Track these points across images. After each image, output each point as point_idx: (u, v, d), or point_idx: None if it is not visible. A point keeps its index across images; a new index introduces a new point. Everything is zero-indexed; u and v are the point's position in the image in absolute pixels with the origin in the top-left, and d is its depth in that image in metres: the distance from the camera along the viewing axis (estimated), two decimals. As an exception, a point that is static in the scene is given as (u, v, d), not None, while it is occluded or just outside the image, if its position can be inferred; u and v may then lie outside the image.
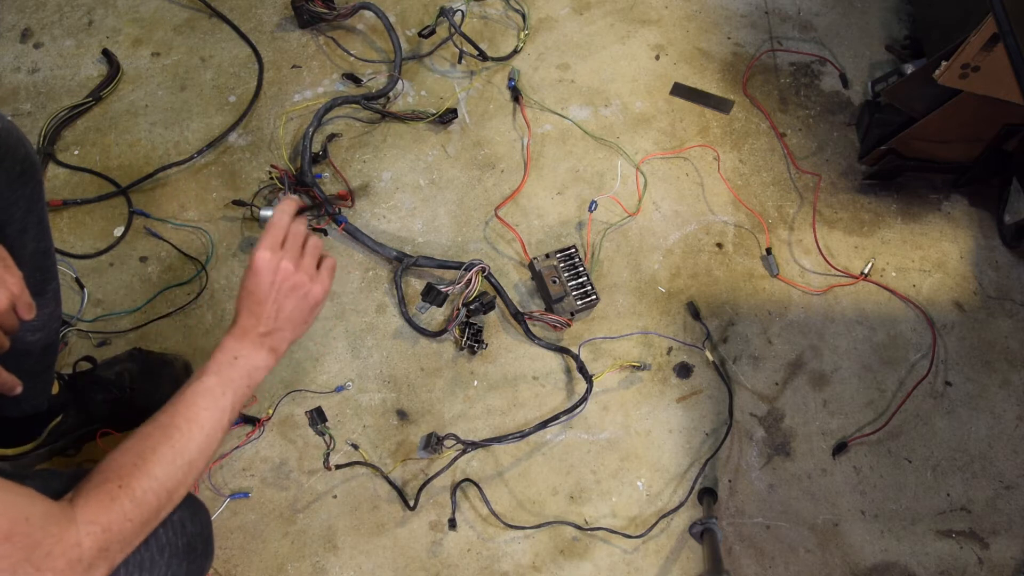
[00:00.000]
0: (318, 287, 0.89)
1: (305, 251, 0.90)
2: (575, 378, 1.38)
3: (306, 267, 0.89)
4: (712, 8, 1.75)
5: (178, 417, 0.80)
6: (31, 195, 0.90)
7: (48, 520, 0.67)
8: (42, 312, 1.00)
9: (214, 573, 1.21)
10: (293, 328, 0.88)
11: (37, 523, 0.65)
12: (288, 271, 0.87)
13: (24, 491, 0.67)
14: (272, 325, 0.86)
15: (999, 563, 1.31)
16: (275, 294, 0.86)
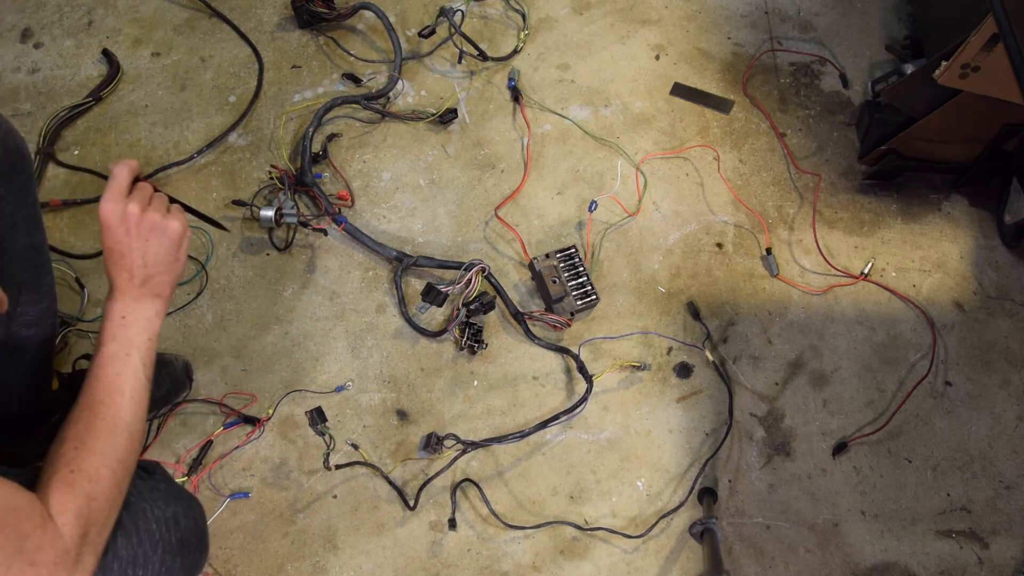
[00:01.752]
0: (174, 222, 0.88)
1: (152, 199, 0.89)
2: (575, 378, 1.38)
3: (156, 207, 0.88)
4: (712, 8, 1.75)
5: (97, 393, 0.81)
6: (21, 188, 0.90)
7: (32, 512, 0.67)
8: (37, 307, 1.00)
9: (214, 573, 1.21)
10: (166, 268, 0.88)
11: (24, 514, 0.66)
12: (136, 213, 0.85)
13: (9, 483, 0.67)
14: (144, 272, 0.86)
15: (999, 563, 1.31)
16: (133, 240, 0.85)
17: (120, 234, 0.85)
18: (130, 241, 0.85)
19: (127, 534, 0.82)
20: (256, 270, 1.43)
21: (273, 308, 1.40)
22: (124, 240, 0.85)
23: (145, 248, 0.86)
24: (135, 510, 0.83)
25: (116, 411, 0.81)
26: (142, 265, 0.86)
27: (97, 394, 0.81)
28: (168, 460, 1.26)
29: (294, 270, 1.43)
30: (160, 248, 0.87)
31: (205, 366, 1.34)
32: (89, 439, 0.77)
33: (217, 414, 1.31)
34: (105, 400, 0.81)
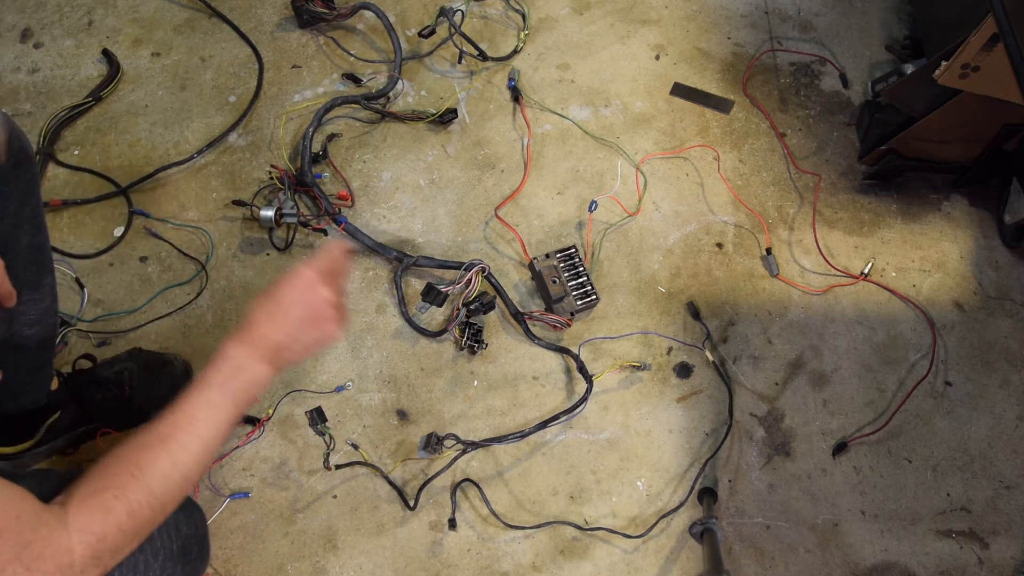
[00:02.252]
0: (336, 329, 0.88)
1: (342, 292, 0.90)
2: (575, 378, 1.38)
3: (338, 305, 0.88)
4: (712, 8, 1.75)
5: (177, 429, 0.78)
6: (25, 188, 0.90)
7: (39, 521, 0.66)
8: (38, 307, 1.00)
9: (214, 573, 1.21)
10: (300, 352, 0.86)
11: (28, 522, 0.65)
12: (321, 301, 0.86)
13: (16, 489, 0.67)
14: (287, 341, 0.84)
15: (999, 563, 1.31)
16: (302, 312, 0.85)
17: (298, 298, 0.85)
18: (298, 314, 0.85)
19: None
20: (256, 270, 1.43)
21: (273, 308, 1.40)
22: (294, 310, 0.85)
23: (303, 330, 0.85)
24: None
25: (185, 455, 0.77)
26: (292, 335, 0.84)
27: (176, 430, 0.78)
28: (168, 460, 1.26)
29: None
30: (312, 339, 0.86)
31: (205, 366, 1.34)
32: (148, 472, 0.74)
33: (217, 414, 1.31)
34: (181, 439, 0.77)
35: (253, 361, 0.82)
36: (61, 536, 0.68)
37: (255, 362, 0.82)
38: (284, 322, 0.84)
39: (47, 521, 0.67)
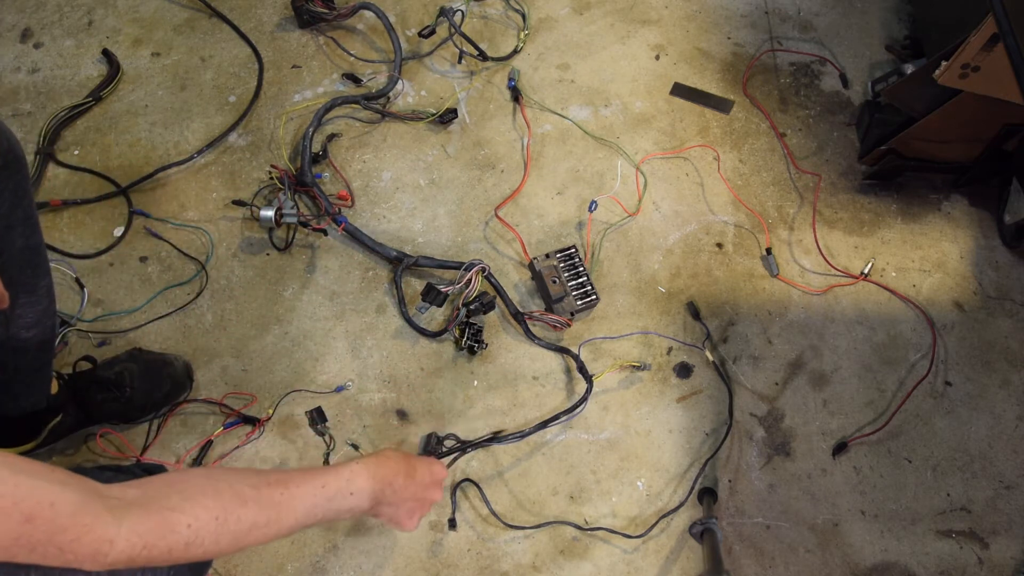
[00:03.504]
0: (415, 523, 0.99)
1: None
2: (575, 378, 1.38)
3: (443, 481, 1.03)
4: (712, 8, 1.75)
5: (274, 509, 0.80)
6: (16, 189, 0.89)
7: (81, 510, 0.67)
8: (35, 309, 1.00)
9: (214, 573, 1.21)
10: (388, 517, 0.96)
11: (65, 511, 0.66)
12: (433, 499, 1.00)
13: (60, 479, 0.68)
14: (395, 505, 0.93)
15: (999, 563, 1.31)
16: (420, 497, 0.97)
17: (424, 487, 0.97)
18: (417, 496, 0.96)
19: None
20: (256, 270, 1.43)
21: (273, 308, 1.40)
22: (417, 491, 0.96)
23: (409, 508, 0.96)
24: None
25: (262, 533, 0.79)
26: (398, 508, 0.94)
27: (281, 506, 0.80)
28: (168, 460, 1.27)
29: (294, 270, 1.43)
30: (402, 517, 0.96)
31: (205, 366, 1.34)
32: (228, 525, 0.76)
33: (217, 414, 1.31)
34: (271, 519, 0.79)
35: (367, 500, 0.89)
36: (106, 528, 0.68)
37: (367, 501, 0.89)
38: (405, 493, 0.94)
39: (92, 510, 0.68)
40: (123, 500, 0.71)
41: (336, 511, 0.86)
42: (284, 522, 0.81)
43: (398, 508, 0.94)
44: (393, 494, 0.92)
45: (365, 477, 0.88)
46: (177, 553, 0.73)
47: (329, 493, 0.85)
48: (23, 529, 0.64)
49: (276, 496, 0.81)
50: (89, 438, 1.25)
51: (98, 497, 0.69)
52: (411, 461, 0.96)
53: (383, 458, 0.92)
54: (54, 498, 0.66)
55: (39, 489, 0.65)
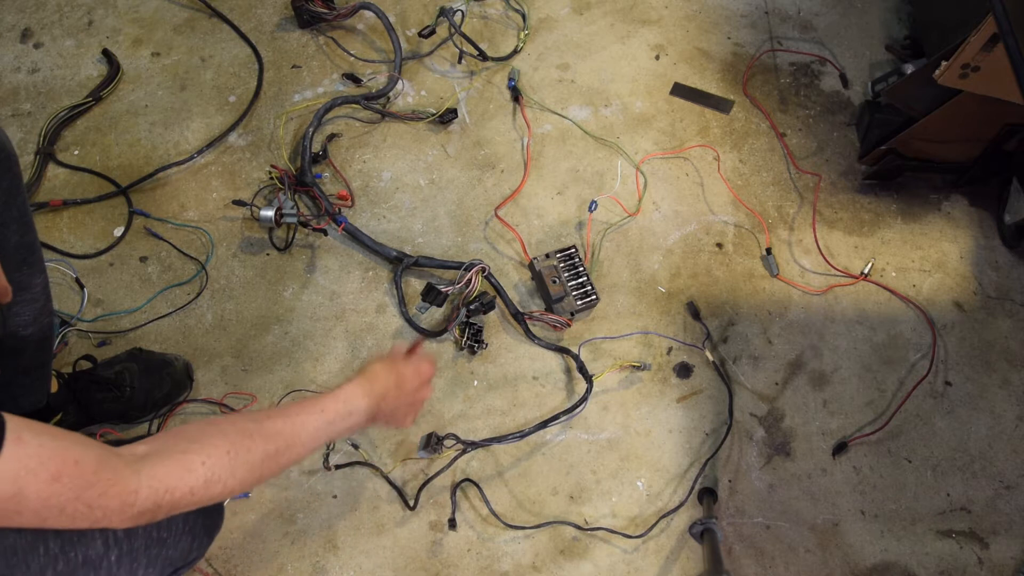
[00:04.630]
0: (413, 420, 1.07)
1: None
2: (575, 378, 1.37)
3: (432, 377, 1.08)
4: (712, 8, 1.75)
5: (280, 436, 0.84)
6: (9, 188, 0.90)
7: (102, 465, 0.70)
8: (32, 307, 1.00)
9: (214, 573, 1.21)
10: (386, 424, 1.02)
11: (89, 467, 0.68)
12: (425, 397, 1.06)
13: (79, 439, 0.70)
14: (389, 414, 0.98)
15: (999, 563, 1.31)
16: (411, 399, 1.02)
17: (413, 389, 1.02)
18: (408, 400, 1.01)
19: None
20: (256, 270, 1.43)
21: (273, 308, 1.40)
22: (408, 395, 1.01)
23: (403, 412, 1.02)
24: None
25: (274, 463, 0.83)
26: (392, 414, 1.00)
27: (279, 439, 0.84)
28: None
29: (294, 270, 1.43)
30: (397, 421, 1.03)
31: (205, 366, 1.34)
32: (240, 458, 0.79)
33: (217, 414, 1.31)
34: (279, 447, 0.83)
35: (364, 416, 0.93)
36: (128, 479, 0.71)
37: (363, 415, 0.93)
38: (398, 400, 0.99)
39: (112, 465, 0.70)
40: (136, 455, 0.74)
41: (338, 432, 0.91)
42: (293, 449, 0.85)
43: (393, 414, 1.00)
44: (387, 405, 0.97)
45: (360, 397, 0.93)
46: (199, 492, 0.76)
47: (329, 417, 0.89)
48: (52, 489, 0.66)
49: (279, 426, 0.84)
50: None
51: (115, 454, 0.72)
52: (399, 370, 1.00)
53: (373, 375, 0.96)
54: (77, 456, 0.68)
55: (61, 449, 0.67)
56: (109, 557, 0.79)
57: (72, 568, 0.77)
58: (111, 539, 0.79)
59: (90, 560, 0.78)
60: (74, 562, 0.77)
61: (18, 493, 0.64)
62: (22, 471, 0.64)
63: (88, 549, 0.78)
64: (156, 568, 0.85)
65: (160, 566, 0.85)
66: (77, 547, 0.77)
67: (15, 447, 0.64)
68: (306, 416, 0.88)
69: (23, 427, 0.65)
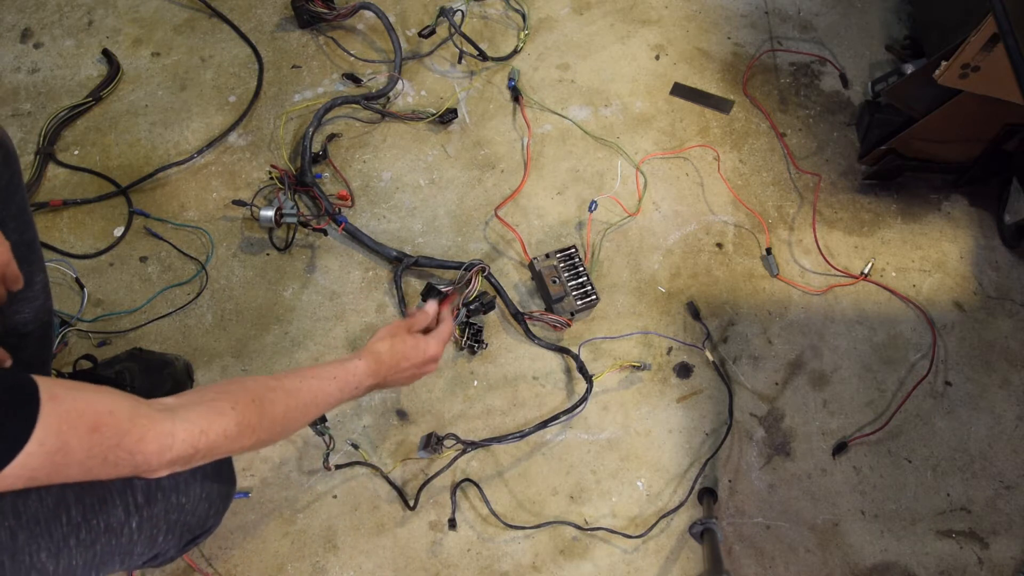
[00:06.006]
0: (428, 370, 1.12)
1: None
2: (575, 378, 1.38)
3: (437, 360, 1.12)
4: (712, 8, 1.75)
5: (299, 395, 0.91)
6: (7, 185, 0.90)
7: (136, 412, 0.74)
8: (32, 305, 1.00)
9: (214, 573, 1.21)
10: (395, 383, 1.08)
11: (124, 415, 0.73)
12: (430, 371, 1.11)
13: (110, 391, 0.74)
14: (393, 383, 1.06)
15: (999, 563, 1.31)
16: (416, 372, 1.08)
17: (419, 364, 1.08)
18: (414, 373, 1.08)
19: None
20: (256, 270, 1.43)
21: (273, 308, 1.40)
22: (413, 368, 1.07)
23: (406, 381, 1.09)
24: None
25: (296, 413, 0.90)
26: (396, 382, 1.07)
27: (303, 392, 0.91)
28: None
29: (294, 270, 1.43)
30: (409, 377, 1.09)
31: (205, 366, 1.34)
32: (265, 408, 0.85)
33: (217, 414, 1.31)
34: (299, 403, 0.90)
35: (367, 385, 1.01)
36: (163, 422, 0.75)
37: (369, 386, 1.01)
38: (401, 377, 1.06)
39: (145, 412, 0.75)
40: (166, 405, 0.78)
41: (342, 400, 0.98)
42: (308, 409, 0.92)
43: (397, 386, 1.10)
44: (392, 380, 1.05)
45: (366, 374, 1.00)
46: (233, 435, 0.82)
47: (340, 384, 0.97)
48: (93, 439, 0.70)
49: (295, 383, 0.91)
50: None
51: (146, 404, 0.76)
52: (404, 352, 1.06)
53: (379, 357, 1.03)
54: (111, 406, 0.72)
55: (96, 401, 0.72)
56: (130, 524, 0.81)
57: (95, 536, 0.79)
58: (132, 506, 0.81)
59: (112, 527, 0.80)
60: (96, 529, 0.79)
61: (63, 446, 0.68)
62: (63, 426, 0.68)
63: (110, 516, 0.80)
64: (175, 535, 0.87)
65: (179, 533, 0.87)
66: (99, 515, 0.79)
67: (52, 404, 0.67)
68: (319, 381, 0.94)
69: (56, 385, 0.69)
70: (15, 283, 0.87)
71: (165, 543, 0.86)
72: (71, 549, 0.77)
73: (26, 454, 0.66)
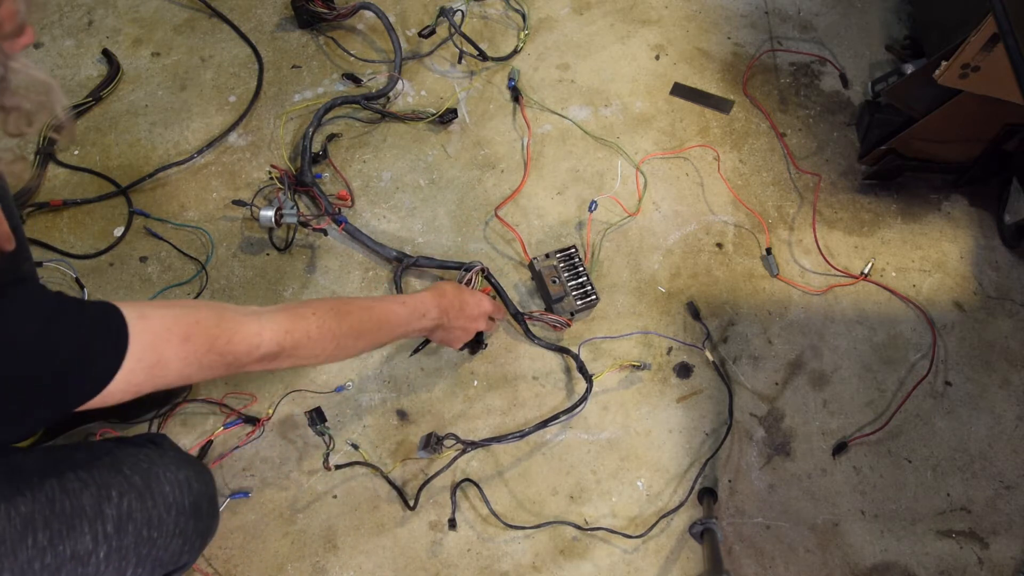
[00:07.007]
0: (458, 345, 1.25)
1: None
2: (575, 378, 1.38)
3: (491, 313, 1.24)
4: (712, 8, 1.75)
5: (373, 312, 0.99)
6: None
7: (222, 318, 0.80)
8: None
9: (214, 573, 1.21)
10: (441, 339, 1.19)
11: (211, 322, 0.78)
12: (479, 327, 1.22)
13: (193, 303, 0.81)
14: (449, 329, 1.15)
15: (999, 563, 1.31)
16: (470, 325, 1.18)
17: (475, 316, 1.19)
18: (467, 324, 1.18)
19: (142, 497, 0.84)
20: (256, 270, 1.43)
21: (273, 308, 1.40)
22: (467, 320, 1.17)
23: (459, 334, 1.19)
24: (148, 474, 0.86)
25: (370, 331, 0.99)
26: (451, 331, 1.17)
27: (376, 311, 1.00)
28: (168, 460, 1.26)
29: (294, 270, 1.43)
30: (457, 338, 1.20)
31: (205, 366, 1.34)
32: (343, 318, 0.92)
33: (217, 414, 1.31)
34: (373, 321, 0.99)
35: (432, 323, 1.09)
36: (250, 324, 0.82)
37: (431, 323, 1.09)
38: (457, 322, 1.15)
39: (230, 316, 0.81)
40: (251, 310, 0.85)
41: (411, 328, 1.07)
42: (381, 329, 1.00)
43: (449, 333, 1.16)
44: (448, 321, 1.13)
45: (432, 304, 1.09)
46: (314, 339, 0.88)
47: (409, 309, 1.05)
48: (187, 348, 0.75)
49: (368, 302, 1.00)
50: (88, 437, 1.25)
51: (230, 308, 0.82)
52: (464, 296, 1.16)
53: (442, 291, 1.13)
54: (197, 316, 0.78)
55: (182, 315, 0.77)
56: (98, 553, 0.80)
57: (60, 562, 0.78)
58: (100, 535, 0.80)
59: (78, 555, 0.79)
60: (62, 556, 0.78)
61: (160, 359, 0.73)
62: (157, 340, 0.73)
63: (76, 544, 0.79)
64: (146, 569, 0.85)
65: (150, 567, 0.86)
66: (66, 540, 0.78)
67: (142, 323, 0.72)
68: (391, 303, 1.03)
69: (142, 306, 0.74)
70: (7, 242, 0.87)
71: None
72: (35, 572, 0.76)
73: (127, 370, 0.70)
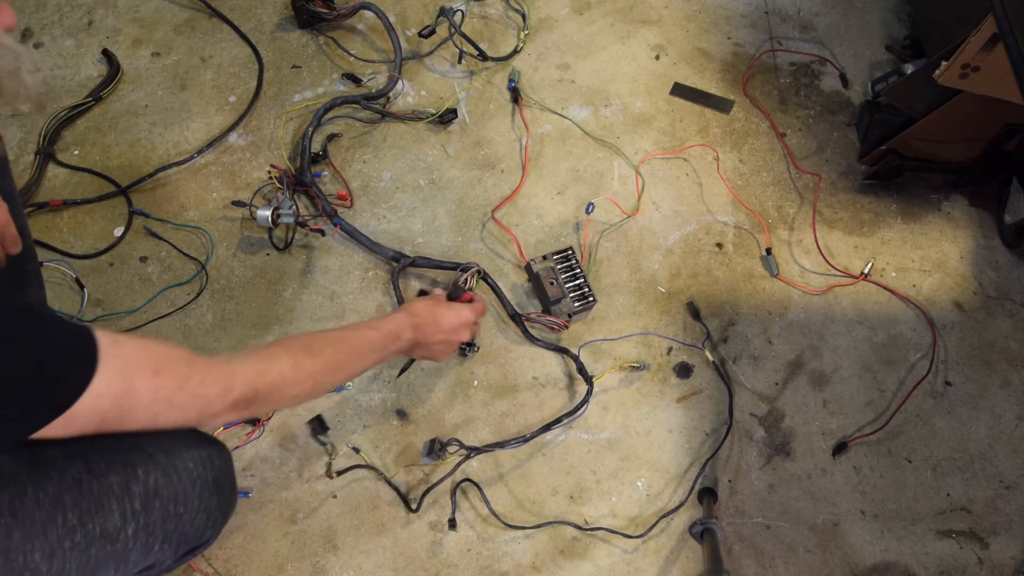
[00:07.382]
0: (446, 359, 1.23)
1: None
2: (575, 378, 1.38)
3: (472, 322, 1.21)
4: (712, 8, 1.75)
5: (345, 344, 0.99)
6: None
7: (193, 359, 0.79)
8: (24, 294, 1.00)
9: (214, 573, 1.21)
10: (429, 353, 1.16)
11: (182, 360, 0.78)
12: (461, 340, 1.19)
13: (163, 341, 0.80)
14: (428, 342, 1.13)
15: (999, 563, 1.31)
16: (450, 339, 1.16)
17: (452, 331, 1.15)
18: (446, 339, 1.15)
19: (167, 473, 0.84)
20: (256, 270, 1.43)
21: (273, 308, 1.40)
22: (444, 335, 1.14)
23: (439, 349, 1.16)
24: (171, 452, 0.86)
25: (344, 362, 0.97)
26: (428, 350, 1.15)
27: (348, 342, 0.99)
28: (168, 460, 1.26)
29: (294, 270, 1.43)
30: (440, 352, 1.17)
31: (205, 366, 1.34)
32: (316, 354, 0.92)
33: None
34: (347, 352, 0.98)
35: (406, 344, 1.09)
36: (221, 367, 0.81)
37: (407, 344, 1.09)
38: (435, 338, 1.13)
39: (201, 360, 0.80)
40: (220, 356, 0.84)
41: (386, 353, 1.06)
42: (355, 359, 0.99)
43: (429, 349, 1.14)
44: (425, 338, 1.11)
45: (405, 324, 1.08)
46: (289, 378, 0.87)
47: (382, 334, 1.04)
48: (158, 381, 0.74)
49: (340, 333, 1.00)
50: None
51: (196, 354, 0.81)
52: (437, 310, 1.14)
53: (414, 309, 1.12)
54: (168, 352, 0.77)
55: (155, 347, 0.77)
56: (127, 530, 0.81)
57: (90, 540, 0.79)
58: (128, 512, 0.81)
59: (108, 533, 0.80)
60: (92, 534, 0.79)
61: (129, 389, 0.72)
62: (128, 368, 0.72)
63: (106, 521, 0.79)
64: (171, 545, 0.86)
65: (175, 543, 0.87)
66: (95, 519, 0.79)
67: (115, 348, 0.71)
68: (363, 330, 1.02)
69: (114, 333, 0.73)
70: (14, 245, 0.87)
71: (161, 552, 0.85)
72: (65, 552, 0.77)
73: (94, 394, 0.69)
